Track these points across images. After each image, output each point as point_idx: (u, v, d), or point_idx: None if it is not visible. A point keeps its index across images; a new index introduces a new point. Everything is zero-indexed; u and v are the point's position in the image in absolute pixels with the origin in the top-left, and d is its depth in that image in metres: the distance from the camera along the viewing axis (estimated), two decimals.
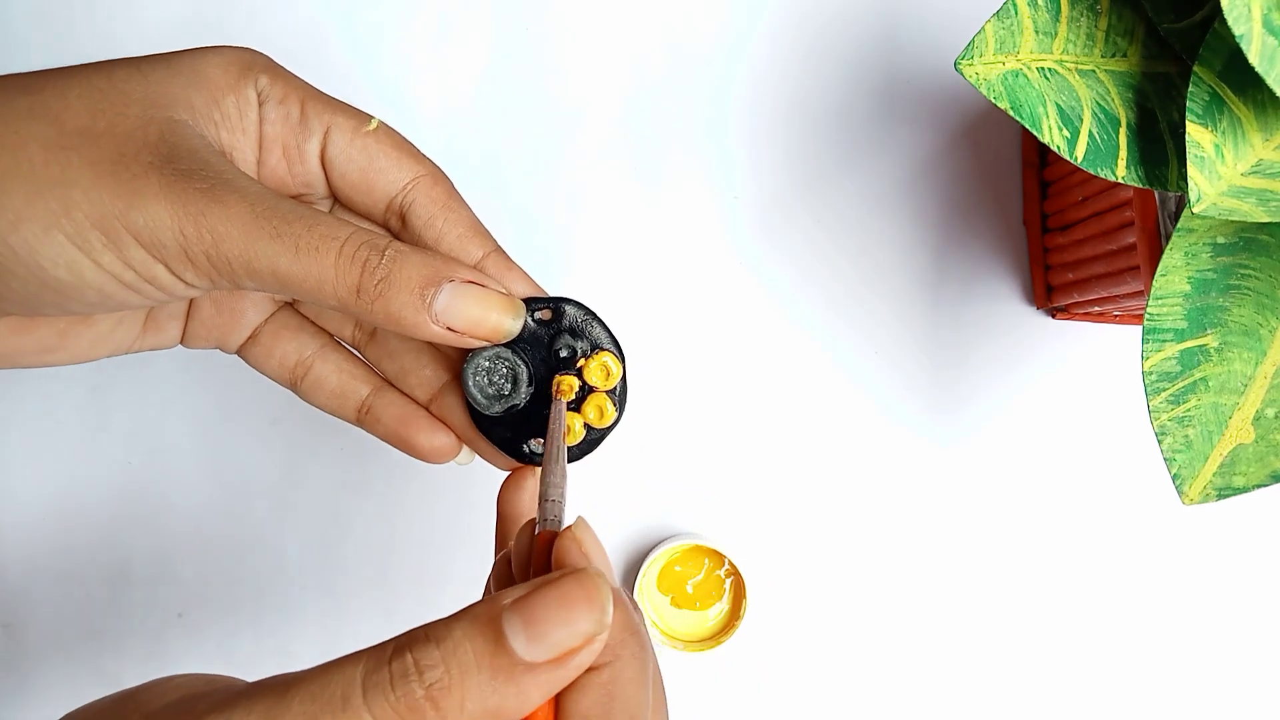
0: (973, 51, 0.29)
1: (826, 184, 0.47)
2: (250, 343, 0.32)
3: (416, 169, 0.29)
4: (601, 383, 0.30)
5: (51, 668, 0.47)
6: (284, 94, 0.28)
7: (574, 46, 0.47)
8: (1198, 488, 0.29)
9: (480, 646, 0.20)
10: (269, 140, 0.28)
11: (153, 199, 0.24)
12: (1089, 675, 0.47)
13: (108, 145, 0.24)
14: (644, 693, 0.23)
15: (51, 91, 0.25)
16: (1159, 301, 0.29)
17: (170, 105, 0.26)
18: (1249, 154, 0.28)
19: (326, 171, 0.29)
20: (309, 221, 0.25)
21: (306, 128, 0.28)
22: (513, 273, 0.30)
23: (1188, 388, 0.29)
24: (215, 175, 0.25)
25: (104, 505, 0.47)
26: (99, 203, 0.24)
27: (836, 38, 0.47)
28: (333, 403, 0.32)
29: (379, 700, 0.19)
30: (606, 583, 0.22)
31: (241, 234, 0.24)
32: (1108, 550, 0.47)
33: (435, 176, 0.29)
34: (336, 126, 0.28)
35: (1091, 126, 0.29)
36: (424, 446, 0.31)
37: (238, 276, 0.25)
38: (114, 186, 0.24)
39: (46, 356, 0.28)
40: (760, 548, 0.47)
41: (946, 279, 0.47)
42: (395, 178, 0.29)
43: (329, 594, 0.47)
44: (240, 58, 0.27)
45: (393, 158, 0.29)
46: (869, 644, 0.47)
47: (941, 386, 0.47)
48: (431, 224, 0.29)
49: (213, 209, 0.24)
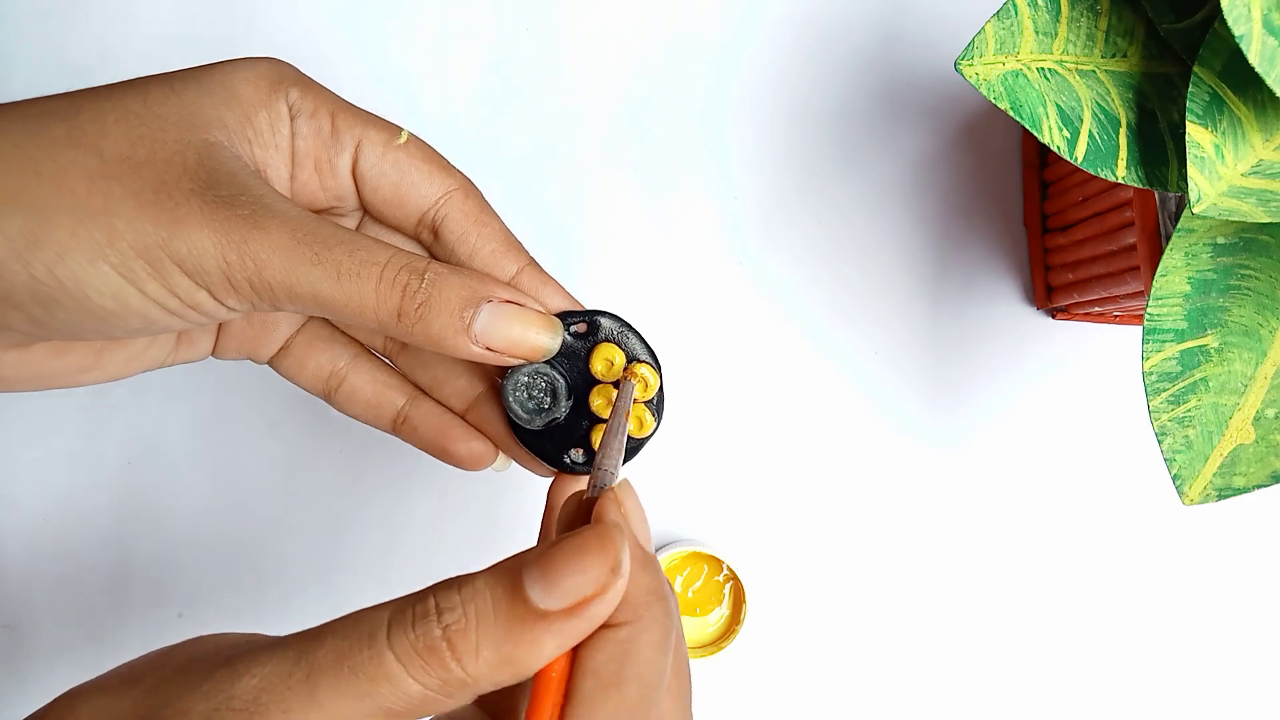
0: (973, 52, 0.29)
1: (827, 184, 0.47)
2: (282, 353, 0.32)
3: (449, 183, 0.29)
4: (640, 394, 0.30)
5: (52, 668, 0.47)
6: (314, 107, 0.28)
7: (575, 48, 0.47)
8: (1198, 488, 0.29)
9: (500, 594, 0.21)
10: (300, 155, 0.28)
11: (195, 228, 0.24)
12: (1090, 677, 0.47)
13: (149, 174, 0.24)
14: (662, 659, 0.22)
15: (88, 116, 0.25)
16: (1159, 302, 0.29)
17: (205, 127, 0.26)
18: (1249, 154, 0.28)
19: (358, 185, 0.29)
20: (350, 246, 0.25)
21: (338, 142, 0.28)
22: (548, 287, 0.29)
23: (1188, 388, 0.29)
24: (255, 200, 0.25)
25: (104, 507, 0.47)
26: (143, 232, 0.24)
27: (837, 39, 0.47)
28: (369, 413, 0.31)
29: (400, 638, 0.20)
30: (623, 533, 0.22)
31: (283, 260, 0.24)
32: (1108, 551, 0.47)
33: (467, 190, 0.29)
34: (368, 140, 0.28)
35: (1091, 127, 0.29)
36: (462, 454, 0.31)
37: (279, 300, 0.25)
38: (156, 215, 0.24)
39: (81, 376, 0.28)
40: (760, 552, 0.46)
41: (947, 279, 0.47)
42: (427, 192, 0.29)
43: (329, 596, 0.47)
44: (270, 71, 0.27)
45: (424, 172, 0.29)
46: (870, 649, 0.47)
47: (941, 387, 0.47)
48: (465, 239, 0.29)
49: (255, 236, 0.24)
